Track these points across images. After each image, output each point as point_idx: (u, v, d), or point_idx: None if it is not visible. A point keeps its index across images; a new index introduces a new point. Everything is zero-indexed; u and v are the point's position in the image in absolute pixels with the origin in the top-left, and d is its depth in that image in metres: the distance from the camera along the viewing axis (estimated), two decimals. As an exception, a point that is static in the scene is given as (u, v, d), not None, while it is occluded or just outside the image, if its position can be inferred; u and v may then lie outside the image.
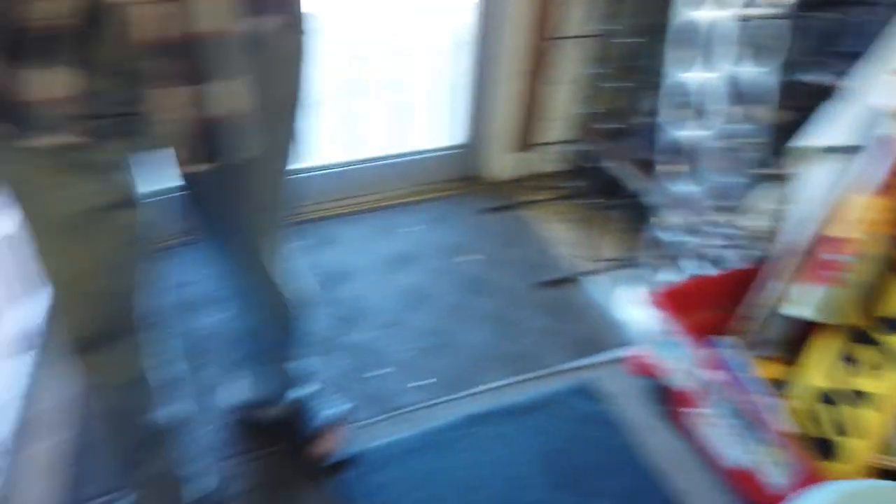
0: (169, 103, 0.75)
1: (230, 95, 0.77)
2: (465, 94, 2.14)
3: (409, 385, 1.52)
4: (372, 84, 2.45)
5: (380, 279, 1.83)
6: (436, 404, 1.47)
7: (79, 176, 0.82)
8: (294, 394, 1.35)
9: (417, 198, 2.17)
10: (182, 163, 0.80)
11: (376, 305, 1.74)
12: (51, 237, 0.86)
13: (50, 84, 0.71)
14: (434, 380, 1.54)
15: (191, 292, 1.69)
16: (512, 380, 1.53)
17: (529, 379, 1.54)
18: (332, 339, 1.60)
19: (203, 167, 0.80)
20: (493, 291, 1.80)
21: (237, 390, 1.37)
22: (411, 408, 1.47)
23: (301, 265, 1.15)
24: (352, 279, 1.81)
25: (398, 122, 2.33)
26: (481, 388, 1.51)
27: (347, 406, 1.42)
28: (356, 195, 2.11)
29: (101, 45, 0.72)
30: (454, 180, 2.25)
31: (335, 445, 1.33)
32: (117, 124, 0.81)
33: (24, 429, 1.35)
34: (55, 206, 0.84)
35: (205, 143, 0.79)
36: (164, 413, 1.07)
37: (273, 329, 1.19)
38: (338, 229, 1.99)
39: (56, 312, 0.94)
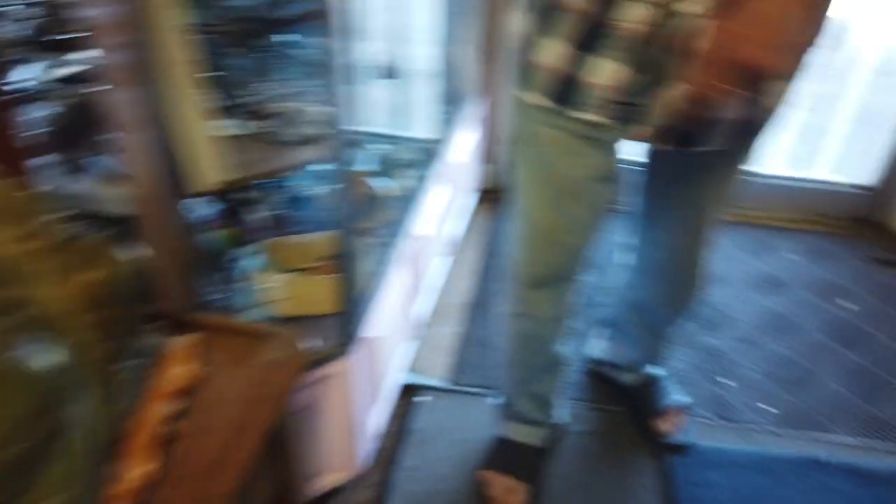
0: (676, 99, 0.89)
1: (732, 104, 0.89)
2: (892, 133, 1.97)
3: (753, 403, 1.54)
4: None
5: (746, 294, 1.84)
6: (777, 434, 1.48)
7: (589, 149, 1.00)
8: (650, 369, 1.47)
9: (802, 226, 2.10)
10: (653, 140, 0.95)
11: (737, 318, 1.76)
12: (549, 193, 1.06)
13: (603, 72, 0.89)
14: (777, 410, 1.53)
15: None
16: (868, 441, 1.46)
17: (890, 450, 1.44)
18: (689, 335, 1.68)
19: (670, 148, 0.94)
20: (866, 346, 1.69)
21: (602, 347, 1.54)
22: (750, 426, 1.49)
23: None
24: (719, 285, 1.85)
25: (804, 143, 2.23)
26: (833, 437, 1.47)
27: (689, 399, 1.50)
28: (741, 206, 2.10)
29: (650, 47, 0.87)
30: (847, 219, 2.11)
31: (676, 429, 1.42)
32: (629, 111, 0.98)
33: (435, 314, 1.70)
34: (564, 169, 1.03)
35: (682, 132, 0.93)
36: (561, 348, 1.27)
37: (665, 307, 1.30)
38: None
39: (521, 251, 1.15)
